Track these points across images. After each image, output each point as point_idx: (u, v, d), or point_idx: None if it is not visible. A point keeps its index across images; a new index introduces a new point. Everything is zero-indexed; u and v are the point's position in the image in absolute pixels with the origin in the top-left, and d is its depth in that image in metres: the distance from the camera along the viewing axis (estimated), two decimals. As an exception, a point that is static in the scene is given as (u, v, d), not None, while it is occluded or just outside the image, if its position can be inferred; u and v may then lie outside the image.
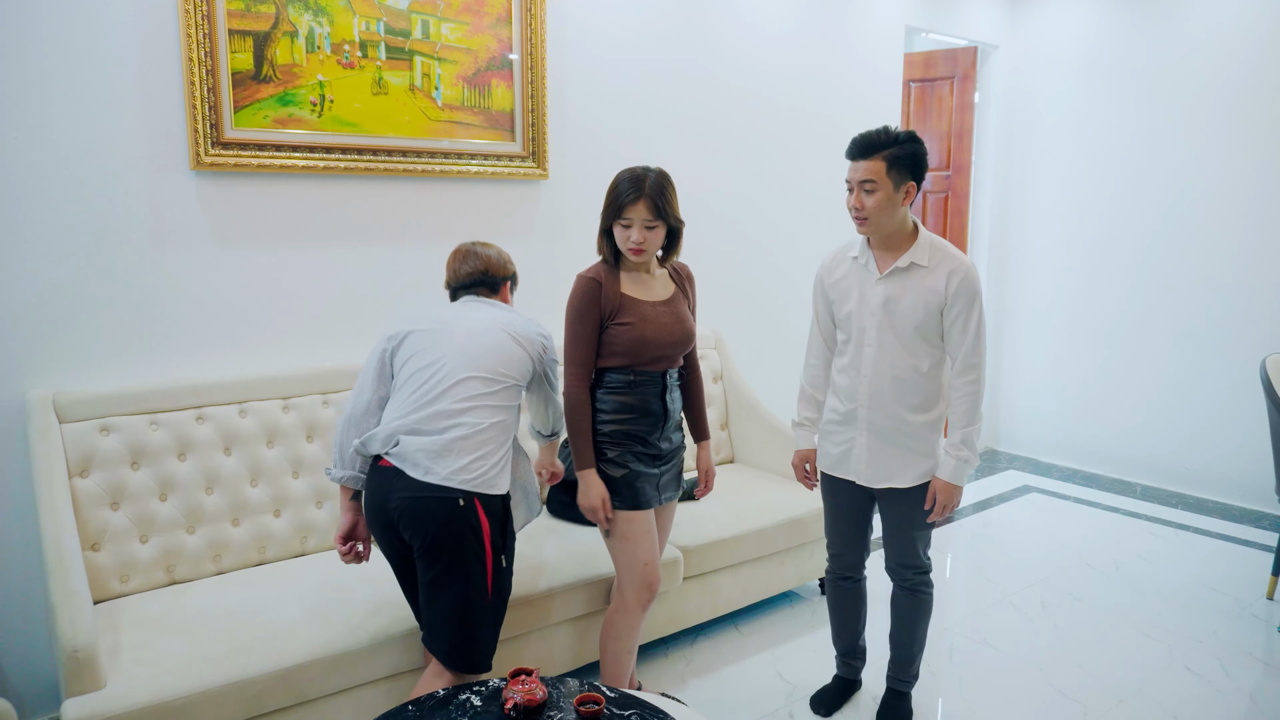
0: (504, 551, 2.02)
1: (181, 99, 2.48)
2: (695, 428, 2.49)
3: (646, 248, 2.16)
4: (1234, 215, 4.33)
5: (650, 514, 2.26)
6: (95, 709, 1.79)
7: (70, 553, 2.03)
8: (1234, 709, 2.62)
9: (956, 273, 2.19)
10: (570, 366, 2.20)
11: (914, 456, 2.28)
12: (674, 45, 3.56)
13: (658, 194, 2.14)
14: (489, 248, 2.25)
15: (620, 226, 2.16)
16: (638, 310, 2.20)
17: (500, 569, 2.00)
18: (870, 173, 2.15)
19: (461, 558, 1.93)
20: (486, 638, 1.99)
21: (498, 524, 2.00)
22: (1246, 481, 4.38)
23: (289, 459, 2.62)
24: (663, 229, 2.17)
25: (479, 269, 2.21)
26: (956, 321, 2.20)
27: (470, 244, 2.25)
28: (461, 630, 1.94)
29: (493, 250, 2.25)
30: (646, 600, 2.27)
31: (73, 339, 2.40)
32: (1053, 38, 4.96)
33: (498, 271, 2.23)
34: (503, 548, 2.02)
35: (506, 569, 2.05)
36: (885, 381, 2.26)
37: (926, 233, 2.26)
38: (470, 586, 1.94)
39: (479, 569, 1.95)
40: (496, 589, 2.00)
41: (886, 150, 2.15)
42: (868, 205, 2.18)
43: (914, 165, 2.17)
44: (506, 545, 2.05)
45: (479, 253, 2.23)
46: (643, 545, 2.24)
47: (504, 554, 2.02)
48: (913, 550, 2.38)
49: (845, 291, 2.33)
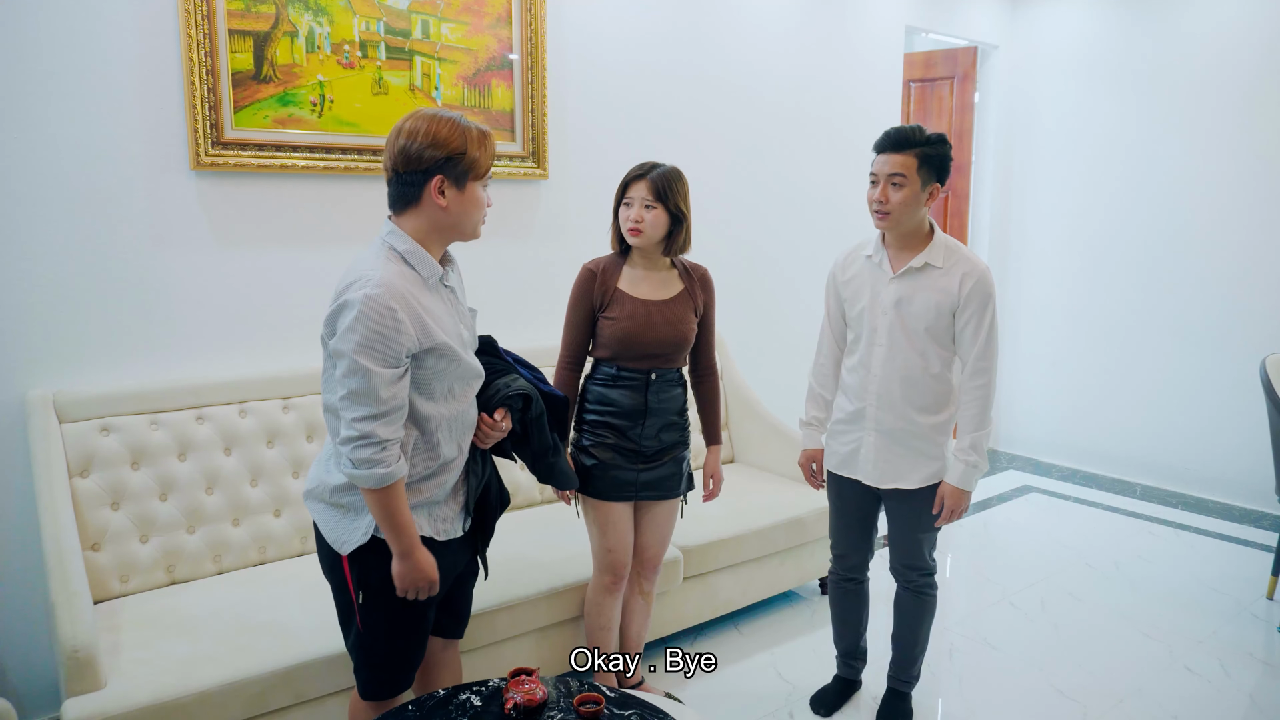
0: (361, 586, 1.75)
1: (181, 99, 2.48)
2: (706, 431, 2.49)
3: (644, 229, 2.19)
4: (1234, 215, 4.33)
5: (620, 506, 2.32)
6: (95, 709, 1.79)
7: (70, 553, 2.03)
8: (1234, 709, 2.62)
9: (970, 276, 2.18)
10: (561, 348, 2.34)
11: (921, 458, 2.27)
12: (674, 46, 3.56)
13: (661, 178, 2.19)
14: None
15: (624, 205, 2.23)
16: (627, 306, 2.23)
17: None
18: (901, 166, 2.14)
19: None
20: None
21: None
22: (1246, 481, 4.38)
23: (289, 459, 2.62)
24: (663, 214, 2.20)
25: None
26: (969, 325, 2.19)
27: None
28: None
29: None
30: (610, 583, 2.35)
31: (73, 339, 2.40)
32: (1053, 38, 4.96)
33: None
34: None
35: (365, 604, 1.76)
36: (894, 382, 2.25)
37: (942, 234, 2.25)
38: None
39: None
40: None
41: (920, 148, 2.14)
42: (893, 199, 2.15)
43: (942, 167, 2.17)
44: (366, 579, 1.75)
45: None
46: (607, 533, 2.32)
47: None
48: (918, 551, 2.37)
49: (858, 290, 2.32)
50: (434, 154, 1.63)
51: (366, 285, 1.56)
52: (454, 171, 1.65)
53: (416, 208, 1.68)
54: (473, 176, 1.68)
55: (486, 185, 1.73)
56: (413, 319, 1.61)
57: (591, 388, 2.31)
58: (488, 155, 1.70)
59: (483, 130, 1.70)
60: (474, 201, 1.70)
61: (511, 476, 3.00)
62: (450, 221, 1.70)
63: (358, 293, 1.56)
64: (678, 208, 2.21)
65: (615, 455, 2.27)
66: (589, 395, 2.31)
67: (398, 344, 1.57)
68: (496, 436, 1.86)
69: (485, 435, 1.83)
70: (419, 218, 1.69)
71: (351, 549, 1.70)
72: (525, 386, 1.88)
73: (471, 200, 1.70)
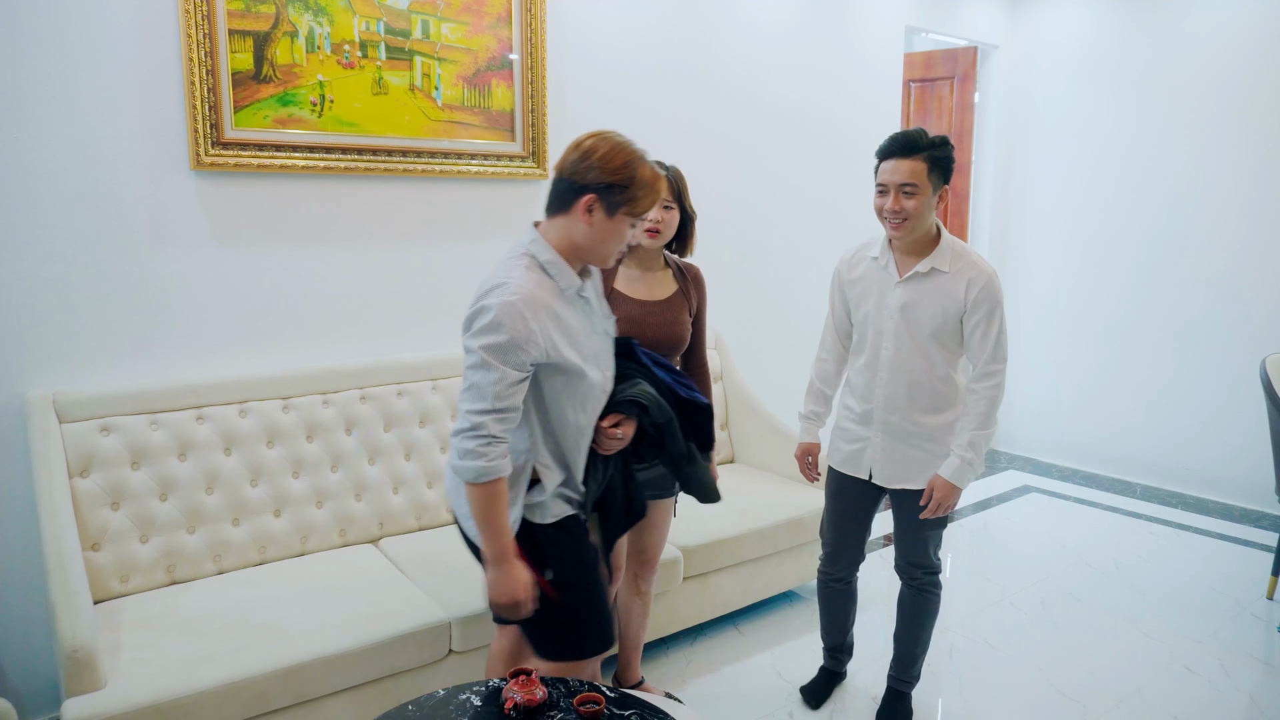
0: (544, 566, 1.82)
1: (181, 99, 2.48)
2: None
3: (663, 229, 2.19)
4: (1234, 215, 4.33)
5: None
6: (95, 709, 1.79)
7: (70, 553, 2.03)
8: (1234, 709, 2.62)
9: (976, 281, 2.16)
10: None
11: (930, 458, 2.27)
12: (674, 45, 3.56)
13: (674, 178, 2.20)
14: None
15: None
16: (624, 308, 2.21)
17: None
18: (912, 174, 2.11)
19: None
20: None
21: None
22: (1246, 481, 4.38)
23: (289, 459, 2.62)
24: (677, 213, 2.21)
25: None
26: (977, 329, 2.18)
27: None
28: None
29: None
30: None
31: (73, 339, 2.40)
32: (1053, 38, 4.96)
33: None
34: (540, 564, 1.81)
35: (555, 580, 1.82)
36: (901, 385, 2.25)
37: (949, 237, 2.23)
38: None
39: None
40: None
41: (928, 151, 2.12)
42: (908, 208, 2.12)
43: (948, 169, 2.16)
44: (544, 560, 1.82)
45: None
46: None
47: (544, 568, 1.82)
48: (924, 550, 2.38)
49: (863, 292, 2.31)
50: (598, 177, 1.68)
51: (505, 292, 1.64)
52: (609, 198, 1.69)
53: (564, 216, 1.73)
54: (625, 211, 1.71)
55: (635, 225, 1.78)
56: (544, 331, 1.67)
57: None
58: (650, 199, 1.74)
59: (656, 174, 1.74)
60: (616, 233, 1.74)
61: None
62: (586, 241, 1.73)
63: (496, 298, 1.63)
64: (690, 207, 2.22)
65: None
66: None
67: (525, 352, 1.64)
68: (617, 444, 1.88)
69: (604, 442, 1.87)
70: (562, 228, 1.74)
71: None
72: (640, 393, 1.87)
73: (614, 231, 1.73)
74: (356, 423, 2.74)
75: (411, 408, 2.84)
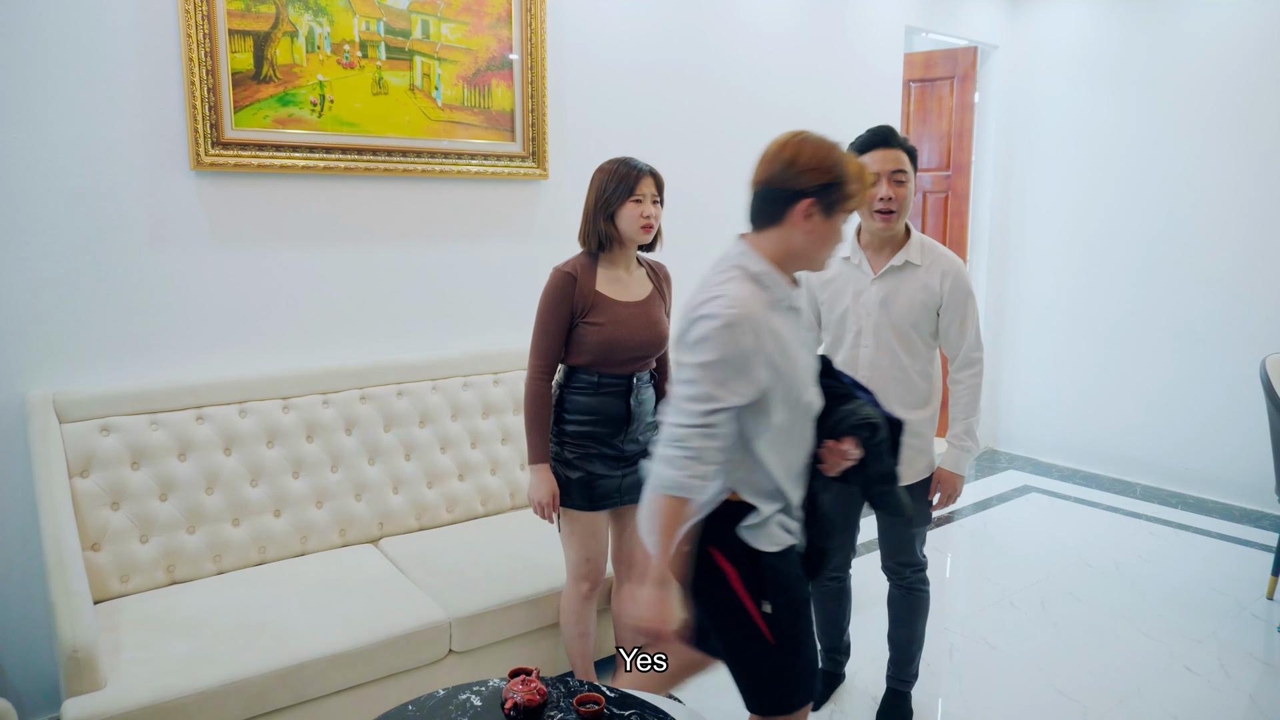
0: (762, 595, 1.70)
1: (181, 99, 2.48)
2: None
3: (654, 224, 2.22)
4: (1234, 215, 4.33)
5: (600, 515, 2.29)
6: (95, 709, 1.79)
7: (70, 553, 2.03)
8: (1234, 709, 2.62)
9: (949, 273, 2.23)
10: (534, 358, 2.23)
11: (911, 453, 2.28)
12: (674, 45, 3.56)
13: (658, 174, 2.25)
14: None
15: (633, 203, 2.18)
16: (610, 310, 2.20)
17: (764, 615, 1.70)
18: (899, 162, 2.18)
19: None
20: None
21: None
22: (1246, 481, 4.38)
23: (289, 459, 2.62)
24: (660, 210, 2.23)
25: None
26: (954, 321, 2.24)
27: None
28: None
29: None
30: (588, 592, 2.33)
31: (73, 339, 2.40)
32: (1053, 38, 4.96)
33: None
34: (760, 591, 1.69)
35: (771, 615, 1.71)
36: (884, 380, 2.26)
37: (917, 232, 2.30)
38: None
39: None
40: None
41: (903, 144, 2.20)
42: (901, 195, 2.19)
43: (916, 166, 2.25)
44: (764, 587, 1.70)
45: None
46: (588, 544, 2.29)
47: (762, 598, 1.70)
48: (910, 547, 2.39)
49: (838, 292, 2.32)
50: (814, 178, 1.59)
51: (723, 304, 1.55)
52: (826, 199, 1.60)
53: (777, 228, 1.64)
54: (841, 209, 1.64)
55: (845, 221, 1.69)
56: (762, 352, 1.57)
57: (571, 398, 2.24)
58: (863, 190, 1.66)
59: (862, 165, 1.67)
60: (835, 233, 1.67)
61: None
62: (806, 248, 1.65)
63: (715, 309, 1.55)
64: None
65: (599, 464, 2.24)
66: (568, 406, 2.24)
67: (743, 376, 1.56)
68: (844, 464, 1.79)
69: (833, 463, 1.77)
70: (777, 239, 1.65)
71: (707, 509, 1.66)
72: (873, 413, 1.79)
73: (833, 231, 1.66)
74: (356, 423, 2.74)
75: (411, 408, 2.84)
